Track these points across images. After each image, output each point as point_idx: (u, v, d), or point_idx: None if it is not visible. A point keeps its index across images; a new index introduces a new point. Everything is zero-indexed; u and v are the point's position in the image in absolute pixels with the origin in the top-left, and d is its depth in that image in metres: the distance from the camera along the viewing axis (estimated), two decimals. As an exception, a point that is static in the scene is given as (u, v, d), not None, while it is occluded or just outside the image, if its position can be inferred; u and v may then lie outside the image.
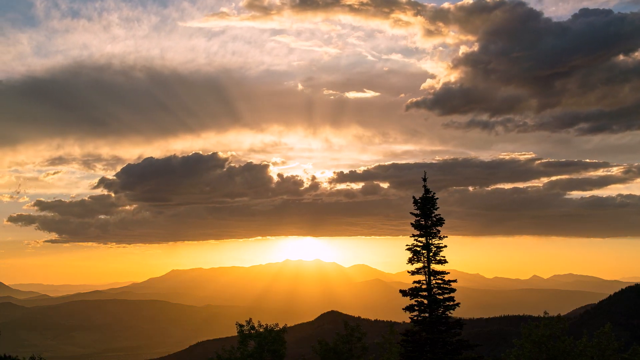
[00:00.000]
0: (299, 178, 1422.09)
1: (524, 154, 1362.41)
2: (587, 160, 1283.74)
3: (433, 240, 49.46)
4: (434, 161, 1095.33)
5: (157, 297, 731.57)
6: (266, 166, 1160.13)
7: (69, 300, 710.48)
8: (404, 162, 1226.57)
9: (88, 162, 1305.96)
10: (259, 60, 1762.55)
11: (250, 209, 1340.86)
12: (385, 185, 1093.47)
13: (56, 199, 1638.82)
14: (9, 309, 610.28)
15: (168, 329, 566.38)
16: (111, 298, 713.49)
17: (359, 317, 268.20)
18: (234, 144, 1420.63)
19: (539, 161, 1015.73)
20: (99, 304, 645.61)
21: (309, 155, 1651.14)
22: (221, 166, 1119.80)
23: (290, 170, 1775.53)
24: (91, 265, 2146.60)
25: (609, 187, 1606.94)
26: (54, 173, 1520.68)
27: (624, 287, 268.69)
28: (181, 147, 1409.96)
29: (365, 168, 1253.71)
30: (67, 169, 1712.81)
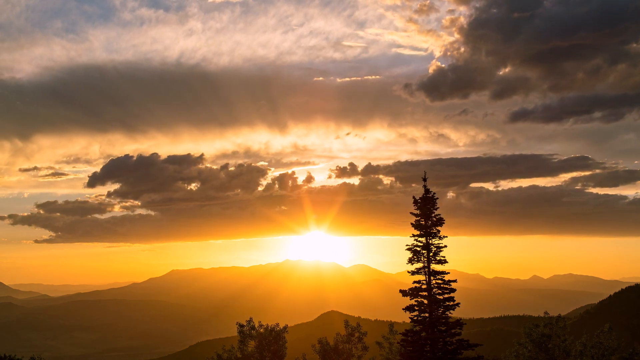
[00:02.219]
0: (296, 176, 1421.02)
1: (541, 150, 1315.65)
2: (606, 158, 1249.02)
3: (433, 240, 49.53)
4: (446, 157, 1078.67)
5: (157, 297, 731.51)
6: (265, 165, 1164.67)
7: (69, 300, 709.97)
8: (418, 158, 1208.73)
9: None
10: (329, 57, 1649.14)
11: (249, 208, 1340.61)
12: (388, 181, 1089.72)
13: (66, 200, 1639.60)
14: (9, 309, 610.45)
15: (168, 329, 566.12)
16: (111, 298, 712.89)
17: (359, 317, 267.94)
18: (263, 145, 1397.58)
19: (558, 158, 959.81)
20: (99, 304, 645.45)
21: (331, 155, 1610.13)
22: (215, 166, 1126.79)
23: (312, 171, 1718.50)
24: (91, 265, 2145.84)
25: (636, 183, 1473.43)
26: (74, 173, 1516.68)
27: (624, 287, 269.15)
28: (206, 149, 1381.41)
29: (368, 163, 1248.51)
30: (91, 169, 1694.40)
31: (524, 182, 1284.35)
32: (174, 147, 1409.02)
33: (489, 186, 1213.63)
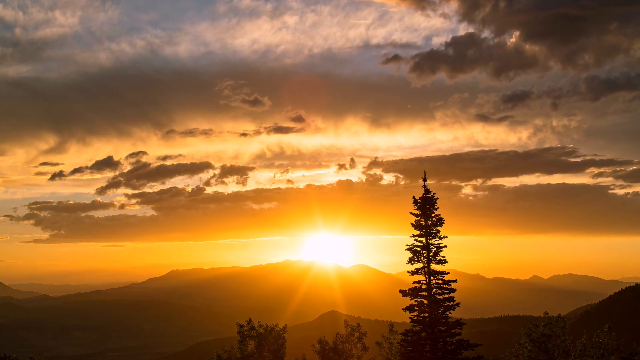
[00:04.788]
0: (295, 176, 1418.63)
1: (556, 144, 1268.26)
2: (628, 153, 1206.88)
3: (433, 240, 49.52)
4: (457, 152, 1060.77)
5: (157, 297, 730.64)
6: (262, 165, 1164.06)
7: (69, 300, 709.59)
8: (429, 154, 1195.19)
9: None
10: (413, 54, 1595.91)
11: (249, 209, 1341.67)
12: (393, 178, 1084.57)
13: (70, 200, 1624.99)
14: (9, 309, 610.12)
15: (168, 329, 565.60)
16: (111, 298, 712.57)
17: (359, 317, 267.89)
18: (296, 145, 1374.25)
19: (576, 152, 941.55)
20: (99, 304, 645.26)
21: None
22: (214, 168, 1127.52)
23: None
24: (91, 265, 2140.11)
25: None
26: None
27: (624, 287, 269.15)
28: (245, 150, 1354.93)
29: (374, 159, 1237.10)
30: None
31: (538, 179, 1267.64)
32: (207, 148, 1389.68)
33: (503, 182, 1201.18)
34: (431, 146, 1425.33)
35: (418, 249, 49.59)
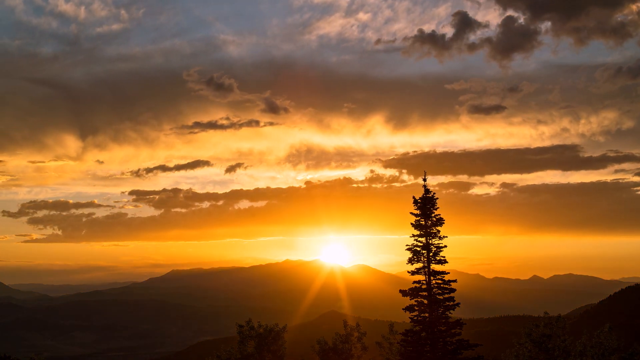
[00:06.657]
0: (296, 175, 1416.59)
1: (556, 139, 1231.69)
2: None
3: (433, 240, 49.50)
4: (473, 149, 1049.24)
5: (157, 297, 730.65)
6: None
7: (69, 300, 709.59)
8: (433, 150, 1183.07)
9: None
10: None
11: (250, 208, 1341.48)
12: (396, 175, 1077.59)
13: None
14: (9, 309, 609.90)
15: (168, 329, 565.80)
16: (111, 298, 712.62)
17: (359, 317, 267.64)
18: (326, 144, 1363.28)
19: (586, 150, 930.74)
20: (99, 304, 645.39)
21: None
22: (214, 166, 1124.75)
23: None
24: (91, 265, 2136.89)
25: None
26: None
27: (624, 287, 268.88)
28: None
29: (377, 159, 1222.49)
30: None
31: (551, 177, 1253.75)
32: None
33: (515, 180, 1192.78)
34: (449, 145, 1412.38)
35: (418, 249, 49.58)
